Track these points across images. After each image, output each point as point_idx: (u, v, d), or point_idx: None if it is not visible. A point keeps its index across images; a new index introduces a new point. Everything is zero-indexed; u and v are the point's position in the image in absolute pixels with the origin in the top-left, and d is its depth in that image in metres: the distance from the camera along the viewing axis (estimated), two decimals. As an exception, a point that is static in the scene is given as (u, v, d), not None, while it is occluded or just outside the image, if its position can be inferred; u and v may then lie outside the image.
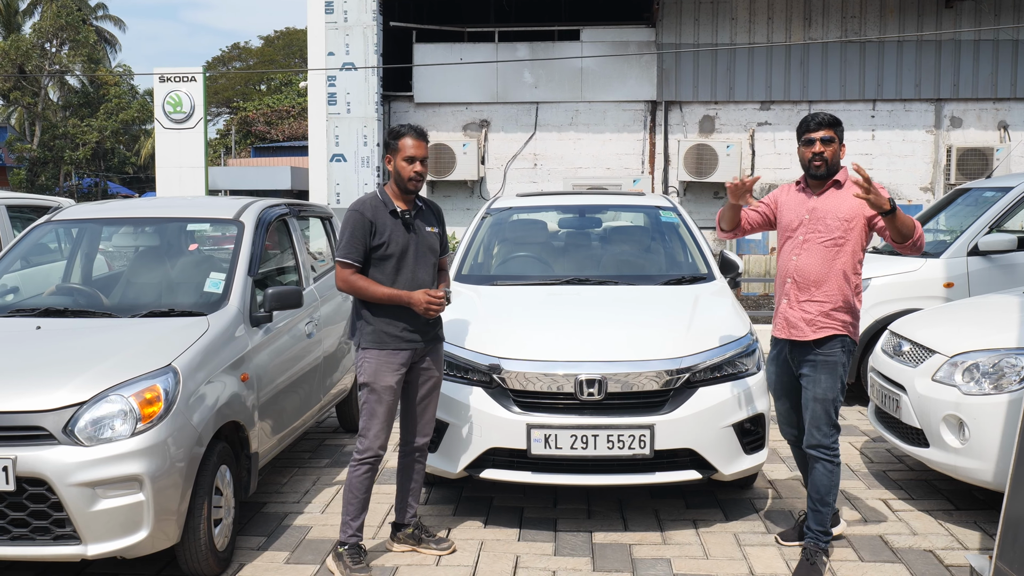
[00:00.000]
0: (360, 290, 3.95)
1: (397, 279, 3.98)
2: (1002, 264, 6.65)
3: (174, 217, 5.10)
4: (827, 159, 3.90)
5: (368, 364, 3.99)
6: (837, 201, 3.91)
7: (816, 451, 3.95)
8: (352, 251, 3.94)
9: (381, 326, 3.98)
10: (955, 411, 4.29)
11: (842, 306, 3.91)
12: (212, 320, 4.28)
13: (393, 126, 4.05)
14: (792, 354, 4.05)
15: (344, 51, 14.31)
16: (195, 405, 3.85)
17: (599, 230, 6.19)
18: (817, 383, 3.92)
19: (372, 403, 3.99)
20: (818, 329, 3.91)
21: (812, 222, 3.94)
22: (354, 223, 3.96)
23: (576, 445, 4.21)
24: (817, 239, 3.91)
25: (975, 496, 4.81)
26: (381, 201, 4.02)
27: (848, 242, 3.88)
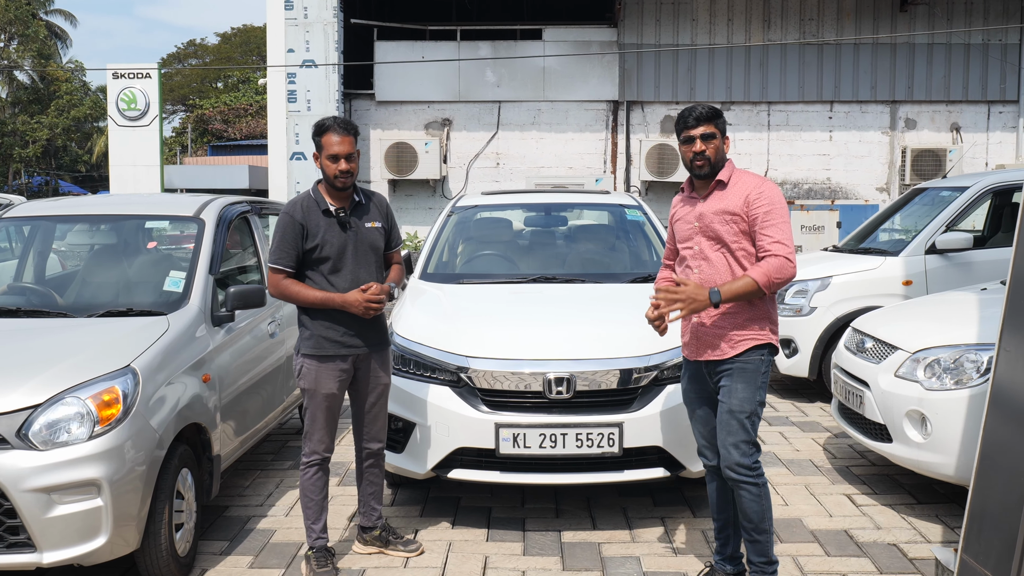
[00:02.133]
0: (292, 296, 3.83)
1: (336, 281, 3.84)
2: (959, 262, 6.77)
3: (132, 214, 4.98)
4: (710, 157, 3.49)
5: (308, 370, 3.88)
6: (722, 202, 3.51)
7: (736, 472, 3.45)
8: (283, 256, 3.81)
9: (320, 331, 3.85)
10: (918, 406, 4.34)
11: (757, 314, 3.49)
12: (172, 320, 4.18)
13: (318, 120, 3.84)
14: (708, 370, 3.60)
15: (304, 48, 14.15)
16: (155, 407, 3.75)
17: (565, 228, 6.18)
18: (733, 394, 3.47)
19: (313, 408, 3.91)
20: (736, 344, 3.48)
21: (702, 230, 3.55)
22: (284, 227, 3.81)
23: (545, 444, 4.18)
24: (711, 247, 3.52)
25: (936, 490, 4.88)
26: (314, 201, 3.86)
27: (741, 241, 3.47)
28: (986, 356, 4.21)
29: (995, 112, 14.32)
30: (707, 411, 3.69)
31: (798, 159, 14.46)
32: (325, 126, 3.82)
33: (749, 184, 3.51)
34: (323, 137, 3.82)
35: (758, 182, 3.53)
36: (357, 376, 4.00)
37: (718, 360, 3.53)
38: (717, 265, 3.51)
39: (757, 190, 3.48)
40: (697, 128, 3.51)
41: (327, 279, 3.85)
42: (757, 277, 3.36)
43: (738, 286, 3.38)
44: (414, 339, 4.53)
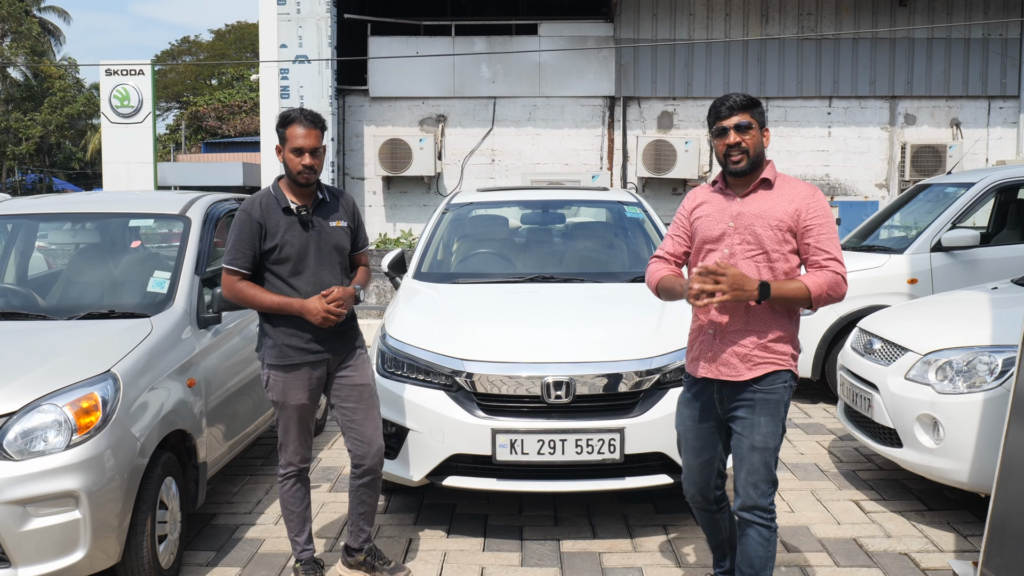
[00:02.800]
0: (246, 300, 3.56)
1: (297, 285, 3.57)
2: (965, 260, 6.63)
3: (116, 212, 4.81)
4: (747, 150, 3.08)
5: (275, 381, 3.62)
6: (767, 204, 3.11)
7: (751, 514, 3.12)
8: (238, 257, 3.54)
9: (283, 339, 3.58)
10: (929, 410, 4.20)
11: (783, 335, 3.12)
12: (156, 322, 4.02)
13: (283, 110, 3.60)
14: (721, 395, 3.19)
15: (297, 43, 13.97)
16: (137, 414, 3.59)
17: (563, 226, 6.03)
18: (755, 428, 3.09)
19: (284, 420, 3.68)
20: (755, 366, 3.09)
21: (738, 231, 3.12)
22: (241, 225, 3.54)
23: (543, 450, 4.03)
24: (746, 252, 3.10)
25: (947, 496, 4.74)
26: (274, 198, 3.59)
27: (783, 255, 3.09)
28: (1000, 358, 4.06)
29: (995, 108, 14.18)
30: (704, 441, 3.29)
31: (796, 155, 14.32)
32: (290, 117, 3.55)
33: (801, 191, 3.13)
34: (287, 129, 3.54)
35: (810, 190, 3.15)
36: (331, 381, 3.73)
37: (733, 383, 3.13)
38: (748, 274, 3.05)
39: (811, 199, 3.10)
40: (731, 118, 3.10)
41: (287, 282, 3.58)
42: (811, 286, 3.00)
43: (789, 288, 2.99)
44: (407, 341, 4.38)
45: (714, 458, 3.31)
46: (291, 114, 3.56)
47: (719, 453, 3.31)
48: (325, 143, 3.63)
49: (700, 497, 3.37)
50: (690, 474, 3.36)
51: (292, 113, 3.56)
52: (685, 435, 3.35)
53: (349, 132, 14.67)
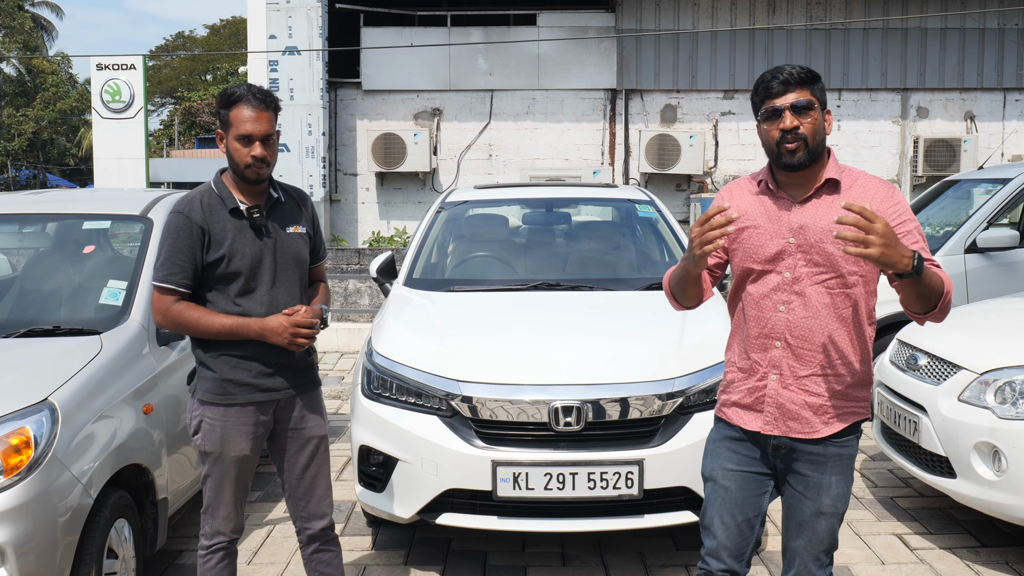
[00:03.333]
0: (188, 325, 2.83)
1: (247, 306, 2.87)
2: (1002, 262, 6.13)
3: (67, 213, 4.28)
4: (806, 137, 2.40)
5: (211, 426, 2.89)
6: (836, 213, 2.35)
7: None
8: (174, 272, 2.81)
9: (225, 372, 2.87)
10: (989, 438, 3.70)
11: (865, 374, 2.51)
12: (107, 340, 3.51)
13: (227, 88, 2.86)
14: (778, 444, 2.53)
15: (287, 34, 13.43)
16: (80, 449, 3.08)
17: (568, 227, 5.50)
18: (824, 490, 2.49)
19: (219, 477, 2.93)
20: (832, 419, 2.47)
21: (802, 249, 2.44)
22: (176, 231, 2.82)
23: (551, 485, 3.52)
24: (815, 276, 2.44)
25: (1000, 529, 4.24)
26: (218, 197, 2.89)
27: (862, 277, 2.45)
28: (1072, 379, 3.57)
29: (1011, 100, 13.68)
30: (748, 493, 2.57)
31: (805, 150, 13.81)
32: (235, 96, 2.81)
33: (877, 190, 2.46)
34: (232, 110, 2.81)
35: (888, 189, 2.47)
36: (278, 429, 3.02)
37: (800, 439, 2.50)
38: (815, 306, 2.44)
39: (892, 199, 2.43)
40: (787, 95, 2.40)
41: (235, 302, 2.87)
42: (947, 283, 2.37)
43: (936, 278, 2.32)
44: (396, 359, 3.87)
45: (757, 517, 2.59)
46: (236, 92, 2.82)
47: (762, 515, 2.61)
48: (279, 128, 2.94)
49: (733, 568, 2.58)
50: (724, 537, 2.57)
51: (237, 91, 2.82)
52: (723, 483, 2.59)
53: (341, 126, 14.14)
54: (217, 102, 2.88)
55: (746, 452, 2.58)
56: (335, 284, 11.07)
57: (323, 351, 9.19)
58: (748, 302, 2.55)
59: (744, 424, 2.56)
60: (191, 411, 2.97)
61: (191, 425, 2.96)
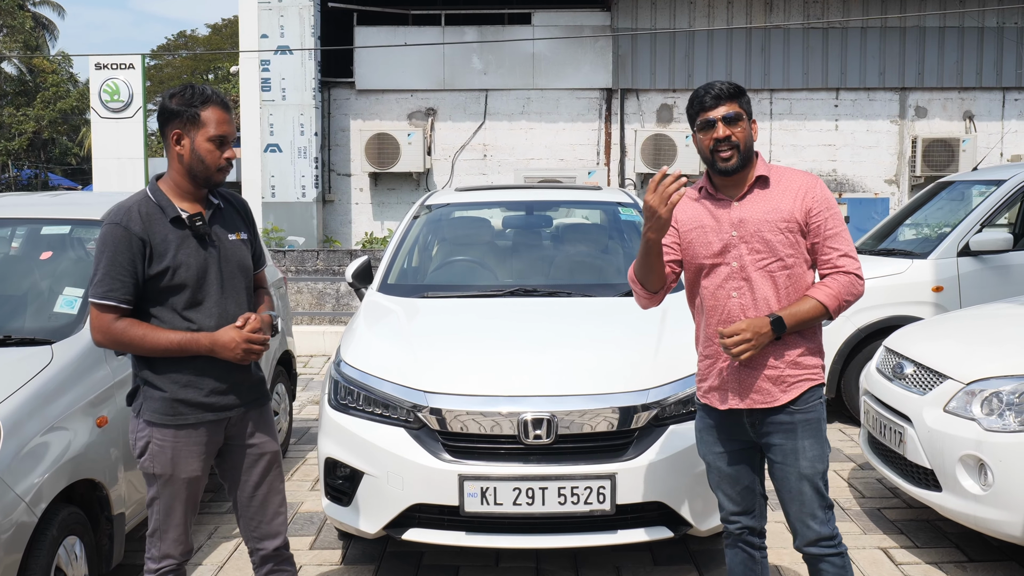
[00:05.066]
0: (132, 343, 2.67)
1: (195, 319, 2.74)
2: (996, 265, 5.99)
3: (23, 218, 4.16)
4: (738, 145, 2.72)
5: (160, 447, 2.74)
6: (770, 203, 2.75)
7: (817, 547, 2.79)
8: (115, 287, 2.64)
9: (175, 392, 2.73)
10: (975, 450, 3.57)
11: (810, 346, 2.80)
12: (59, 350, 3.40)
13: (190, 85, 2.75)
14: (752, 420, 2.82)
15: (279, 33, 13.32)
16: (24, 466, 2.97)
17: (549, 230, 5.37)
18: (801, 454, 2.76)
19: (168, 499, 2.79)
20: (789, 386, 2.75)
21: (744, 240, 2.76)
22: (115, 243, 2.65)
23: (520, 500, 3.40)
24: (758, 262, 2.75)
25: (989, 543, 4.11)
26: (156, 205, 2.73)
27: (797, 258, 2.76)
28: (1060, 390, 3.44)
29: (1010, 99, 13.52)
30: (741, 465, 2.91)
31: (802, 150, 13.67)
32: (207, 95, 2.71)
33: (800, 182, 2.79)
34: (205, 110, 2.70)
35: (810, 180, 2.80)
36: (229, 446, 2.90)
37: (765, 409, 2.78)
38: (761, 288, 2.75)
39: (813, 190, 2.76)
40: (718, 108, 2.73)
41: (183, 316, 2.72)
42: (825, 300, 2.71)
43: (803, 311, 2.71)
44: (364, 368, 3.75)
45: (755, 482, 2.94)
46: (206, 91, 2.73)
47: (758, 476, 2.95)
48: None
49: (749, 524, 2.94)
50: (730, 504, 2.95)
51: (207, 90, 2.73)
52: (716, 463, 2.94)
53: (334, 126, 14.03)
54: (181, 100, 2.71)
55: (727, 431, 2.89)
56: (327, 286, 10.96)
57: (311, 355, 9.08)
58: (705, 295, 2.85)
59: (717, 405, 2.86)
60: (135, 432, 2.80)
61: (136, 447, 2.80)
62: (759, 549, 2.98)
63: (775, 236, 2.74)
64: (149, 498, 2.84)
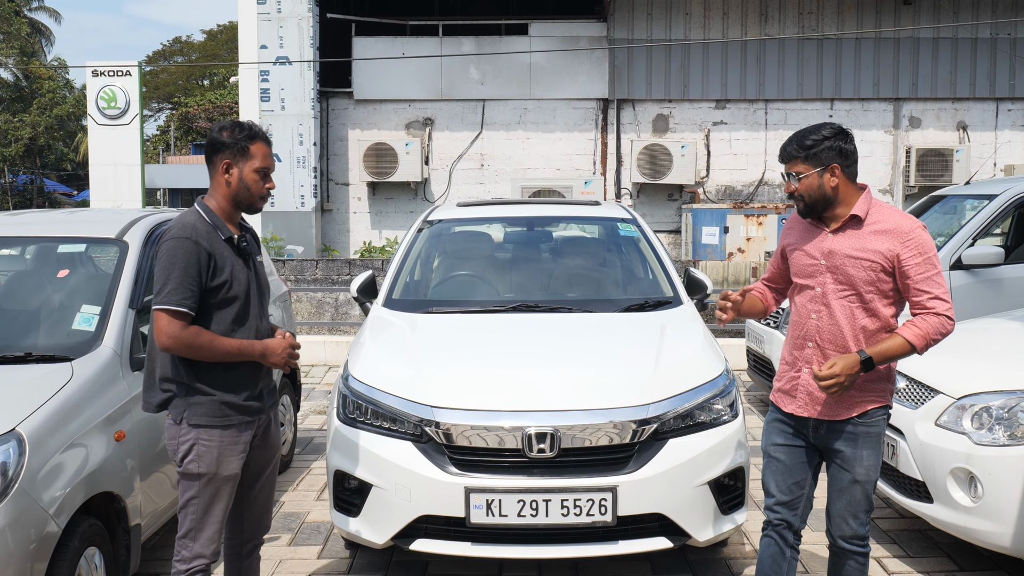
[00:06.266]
0: (201, 347, 2.88)
1: (239, 330, 3.00)
2: (987, 279, 6.12)
3: (41, 236, 4.26)
4: (803, 196, 3.06)
5: (206, 448, 2.95)
6: (859, 242, 3.00)
7: (850, 544, 3.12)
8: (187, 296, 2.85)
9: (221, 395, 2.96)
10: (965, 463, 3.69)
11: (878, 374, 3.03)
12: (78, 366, 3.50)
13: (234, 122, 3.04)
14: (817, 425, 3.11)
15: (278, 44, 13.44)
16: (49, 479, 3.07)
17: (549, 246, 5.49)
18: (858, 462, 3.05)
19: (209, 498, 2.98)
20: (853, 405, 3.03)
21: (830, 270, 3.05)
22: (187, 256, 2.86)
23: (524, 512, 3.51)
24: (838, 292, 3.03)
25: (979, 553, 4.23)
26: (211, 225, 2.98)
27: (877, 297, 3.00)
28: (1047, 405, 3.56)
29: (1003, 110, 13.70)
30: (795, 463, 3.19)
31: (797, 159, 13.80)
32: (255, 132, 3.03)
33: (897, 226, 2.99)
34: (254, 144, 3.01)
35: (908, 225, 2.99)
36: (251, 447, 3.15)
37: (828, 420, 3.08)
38: (838, 316, 3.04)
39: (908, 236, 2.96)
40: (787, 165, 3.09)
41: (230, 327, 2.97)
42: (914, 340, 2.93)
43: (892, 349, 2.95)
44: (371, 383, 3.85)
45: (805, 481, 3.20)
46: (254, 128, 3.04)
47: (811, 477, 3.21)
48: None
49: (788, 519, 3.20)
50: (778, 494, 3.22)
51: (255, 128, 3.05)
52: (775, 455, 3.23)
53: (333, 136, 14.15)
54: (231, 134, 2.98)
55: (791, 430, 3.19)
56: (324, 296, 11.05)
57: (311, 364, 9.17)
58: (793, 309, 3.21)
59: (784, 407, 3.18)
60: (177, 437, 2.98)
61: (179, 450, 2.98)
62: (791, 547, 3.23)
63: (858, 272, 2.99)
64: (185, 500, 3.00)
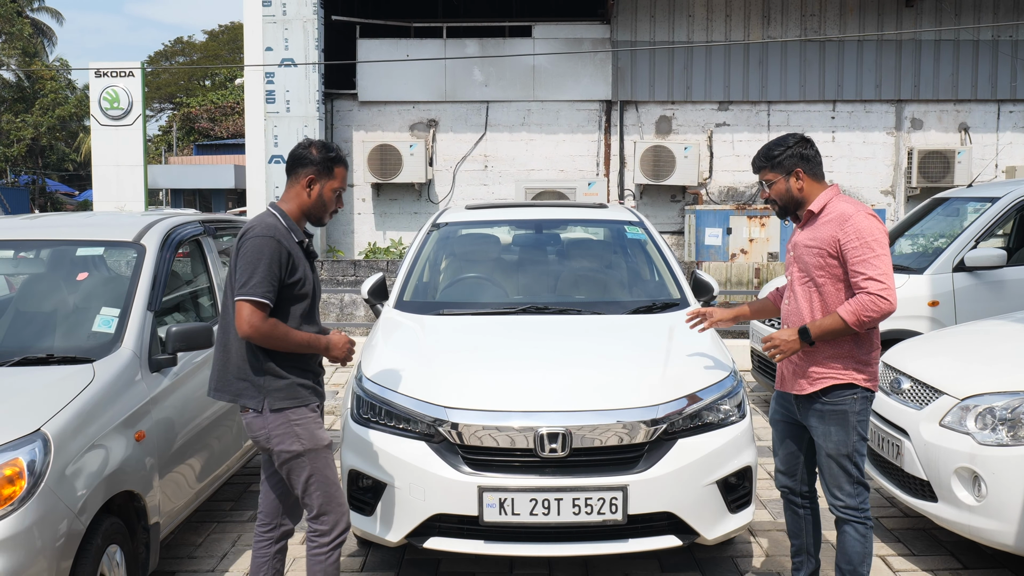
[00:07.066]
0: (280, 337, 3.14)
1: (306, 326, 3.28)
2: (990, 281, 6.18)
3: (60, 239, 4.33)
4: (775, 200, 3.50)
5: (300, 425, 3.23)
6: (813, 233, 3.42)
7: (843, 512, 3.44)
8: (270, 289, 3.11)
9: (295, 378, 3.25)
10: (969, 463, 3.75)
11: (837, 351, 3.35)
12: (99, 368, 3.56)
13: (326, 144, 3.32)
14: (798, 402, 3.53)
15: (283, 46, 13.50)
16: (72, 478, 3.14)
17: (558, 248, 5.55)
18: (827, 437, 3.41)
19: (322, 468, 3.26)
20: (814, 381, 3.40)
21: (795, 260, 3.50)
22: (271, 253, 3.13)
23: (536, 510, 3.58)
24: (799, 280, 3.47)
25: (982, 552, 4.30)
26: (286, 228, 3.24)
27: (828, 280, 3.35)
28: (1050, 406, 3.62)
29: (1005, 111, 13.76)
30: (788, 433, 3.65)
31: (799, 161, 13.85)
32: (340, 156, 3.34)
33: (840, 213, 3.35)
34: (338, 167, 3.32)
35: (850, 211, 3.32)
36: None
37: (801, 395, 3.47)
38: (800, 299, 3.46)
39: (847, 221, 3.30)
40: (758, 175, 3.52)
41: (299, 323, 3.24)
42: (845, 316, 3.26)
43: (826, 323, 3.31)
44: (385, 384, 3.92)
45: (798, 451, 3.63)
46: (340, 152, 3.35)
47: (803, 447, 3.62)
48: None
49: (788, 484, 3.68)
50: (780, 462, 3.71)
51: (340, 151, 3.36)
52: (776, 429, 3.71)
53: (337, 137, 14.21)
54: (320, 152, 3.26)
55: (784, 406, 3.63)
56: (329, 296, 11.12)
57: (318, 364, 9.23)
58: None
59: (777, 385, 3.64)
60: (266, 427, 3.19)
61: (271, 437, 3.19)
62: (801, 507, 3.68)
63: (811, 259, 3.39)
64: (304, 482, 3.23)
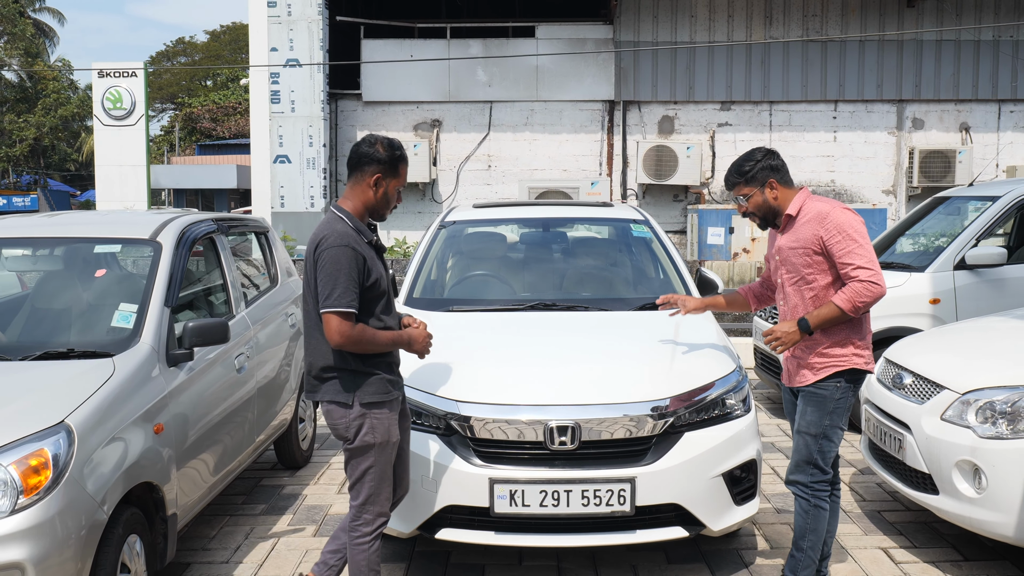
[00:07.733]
0: (370, 341, 3.29)
1: (388, 320, 3.43)
2: (990, 279, 6.26)
3: (79, 237, 4.41)
4: (755, 213, 3.71)
5: (379, 420, 3.37)
6: (795, 234, 3.62)
7: (793, 487, 3.68)
8: (354, 298, 3.23)
9: (383, 373, 3.40)
10: (970, 456, 3.83)
11: (836, 339, 3.57)
12: (119, 362, 3.64)
13: (395, 143, 3.43)
14: (798, 398, 3.74)
15: (288, 47, 13.60)
16: (95, 469, 3.21)
17: (565, 246, 5.64)
18: (802, 415, 3.65)
19: (383, 464, 3.41)
20: (818, 370, 3.60)
21: (782, 263, 3.70)
22: (348, 262, 3.23)
23: (546, 502, 3.66)
24: (789, 280, 3.67)
25: (984, 544, 4.37)
26: (355, 230, 3.33)
27: (818, 276, 3.57)
28: (1049, 400, 3.70)
29: (1006, 111, 13.84)
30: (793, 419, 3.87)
31: (801, 160, 13.96)
32: (404, 155, 3.45)
33: (818, 212, 3.54)
34: (402, 166, 3.43)
35: (827, 209, 3.54)
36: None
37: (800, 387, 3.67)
38: (793, 300, 3.65)
39: (826, 218, 3.51)
40: (732, 191, 3.71)
41: (379, 319, 3.38)
42: (841, 304, 3.46)
43: (824, 313, 3.50)
44: (398, 379, 4.00)
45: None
46: (404, 150, 3.45)
47: None
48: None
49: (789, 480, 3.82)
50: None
51: (403, 149, 3.46)
52: (790, 417, 3.87)
53: (342, 137, 14.30)
54: (387, 151, 3.36)
55: (790, 396, 3.83)
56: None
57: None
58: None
59: (783, 381, 3.83)
60: (347, 417, 3.33)
61: (351, 427, 3.33)
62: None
63: (798, 259, 3.59)
64: (361, 471, 3.37)
